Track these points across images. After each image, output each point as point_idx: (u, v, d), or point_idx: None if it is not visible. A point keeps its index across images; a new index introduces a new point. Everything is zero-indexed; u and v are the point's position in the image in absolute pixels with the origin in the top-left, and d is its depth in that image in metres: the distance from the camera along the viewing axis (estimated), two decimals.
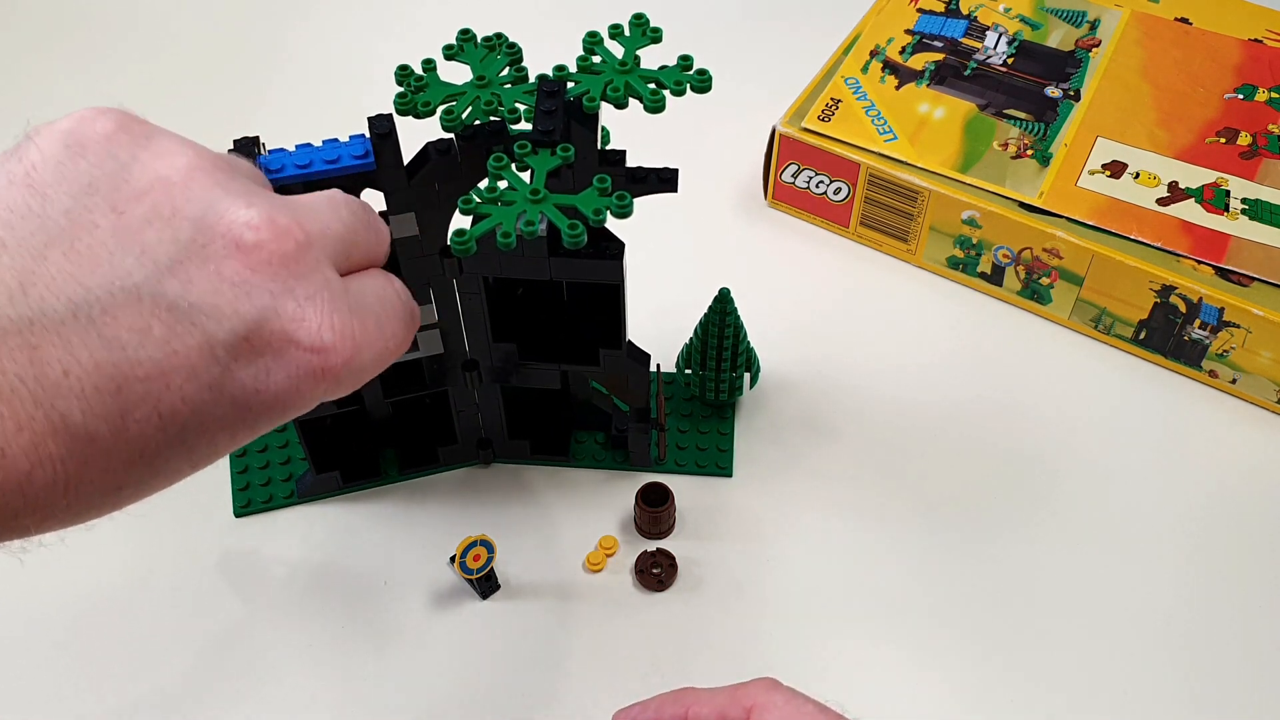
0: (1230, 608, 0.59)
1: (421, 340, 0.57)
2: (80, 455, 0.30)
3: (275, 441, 0.66)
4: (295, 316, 0.33)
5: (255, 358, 0.32)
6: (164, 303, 0.31)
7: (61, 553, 0.33)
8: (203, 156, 0.34)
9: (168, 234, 0.32)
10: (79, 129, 0.33)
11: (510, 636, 0.58)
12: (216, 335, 0.32)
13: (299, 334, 0.33)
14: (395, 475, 0.65)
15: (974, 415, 0.67)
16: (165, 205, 0.32)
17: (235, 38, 0.91)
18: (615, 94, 0.48)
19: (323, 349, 0.34)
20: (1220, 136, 0.72)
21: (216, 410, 0.32)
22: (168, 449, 0.32)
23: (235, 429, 0.33)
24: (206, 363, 0.31)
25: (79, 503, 0.31)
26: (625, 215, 0.45)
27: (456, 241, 0.44)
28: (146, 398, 0.31)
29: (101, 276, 0.31)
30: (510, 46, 0.51)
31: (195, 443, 0.32)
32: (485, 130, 0.49)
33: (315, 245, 0.35)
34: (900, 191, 0.72)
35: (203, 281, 0.32)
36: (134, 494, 0.32)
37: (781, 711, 0.40)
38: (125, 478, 0.31)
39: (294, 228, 0.34)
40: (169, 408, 0.31)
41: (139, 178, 0.33)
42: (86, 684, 0.57)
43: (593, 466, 0.65)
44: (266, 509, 0.64)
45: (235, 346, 0.32)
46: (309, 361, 0.34)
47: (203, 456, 0.33)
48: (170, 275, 0.32)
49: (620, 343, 0.57)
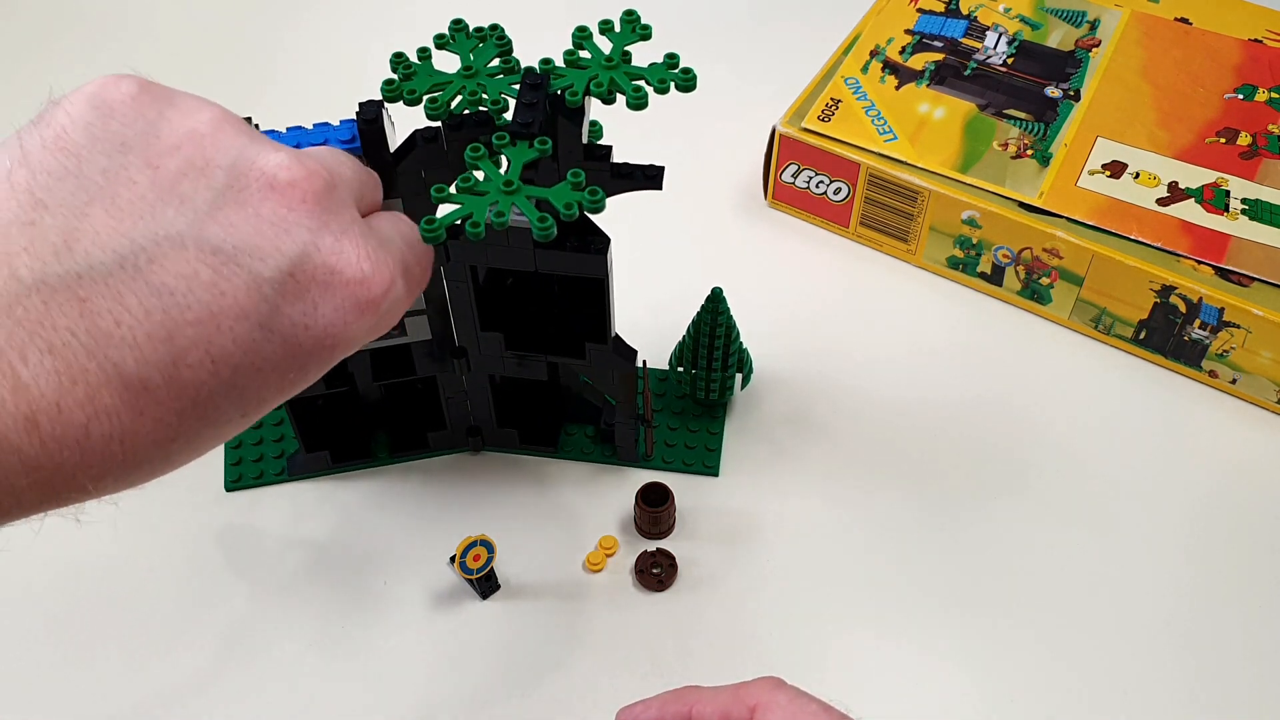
0: (1230, 607, 0.59)
1: (409, 326, 0.57)
2: (135, 405, 0.30)
3: (269, 419, 0.66)
4: (334, 249, 0.35)
5: (302, 293, 0.34)
6: (208, 247, 0.32)
7: (49, 518, 0.33)
8: (226, 112, 0.36)
9: (203, 182, 0.33)
10: (103, 93, 0.34)
11: (510, 636, 0.58)
12: (263, 273, 0.33)
13: (340, 266, 0.35)
14: (385, 458, 0.65)
15: (973, 415, 0.67)
16: (198, 157, 0.34)
17: (235, 24, 0.91)
18: (599, 89, 0.49)
19: (364, 280, 0.35)
20: (1220, 136, 0.72)
21: (267, 349, 0.33)
22: (220, 394, 0.32)
23: (285, 371, 0.34)
24: (255, 302, 0.32)
25: (133, 457, 0.31)
26: (597, 210, 0.46)
27: (426, 229, 0.45)
28: (198, 342, 0.31)
29: (145, 228, 0.32)
30: (500, 38, 0.51)
31: (246, 387, 0.33)
32: (472, 120, 0.49)
33: (339, 186, 0.36)
34: (900, 191, 0.72)
35: (243, 223, 0.33)
36: (185, 447, 0.33)
37: (785, 710, 0.40)
38: (179, 428, 0.32)
39: (320, 169, 0.36)
40: (220, 350, 0.32)
41: (169, 134, 0.34)
42: (74, 656, 0.58)
43: (580, 459, 0.65)
44: (257, 485, 0.64)
45: (282, 283, 0.33)
46: (353, 293, 0.35)
47: (253, 404, 0.34)
48: (211, 220, 0.33)
49: (606, 338, 0.57)
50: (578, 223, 0.52)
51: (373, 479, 0.65)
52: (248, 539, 0.62)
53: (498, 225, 0.44)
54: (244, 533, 0.62)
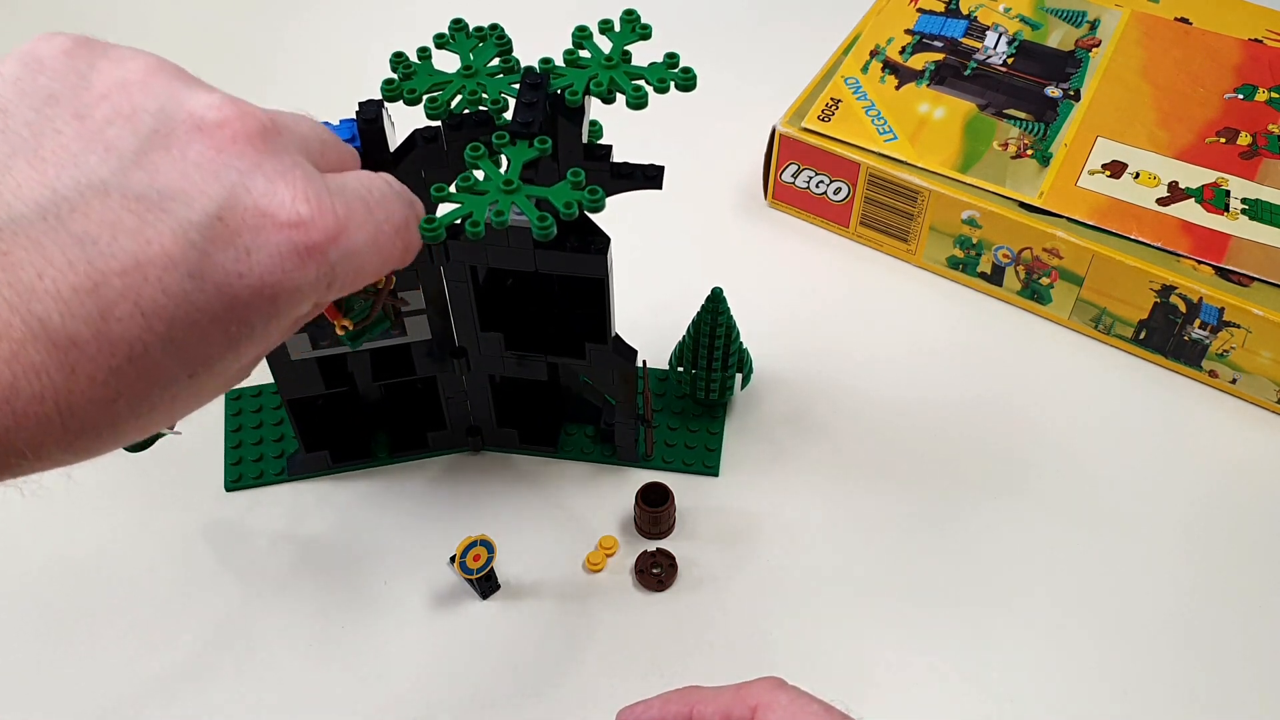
0: (1230, 607, 0.59)
1: (409, 326, 0.57)
2: (64, 362, 0.29)
3: (269, 419, 0.66)
4: (267, 191, 0.33)
5: (233, 238, 0.32)
6: (132, 194, 0.31)
7: (49, 516, 0.33)
8: (162, 60, 0.34)
9: (129, 129, 0.32)
10: (35, 49, 0.34)
11: (510, 636, 0.58)
12: (189, 218, 0.31)
13: (272, 208, 0.33)
14: (385, 458, 0.65)
15: (973, 415, 0.67)
16: (125, 104, 0.32)
17: (235, 23, 0.91)
18: (599, 88, 0.49)
19: (301, 222, 0.33)
20: (1220, 136, 0.72)
21: (200, 300, 0.31)
22: (157, 350, 0.31)
23: (225, 324, 0.32)
24: (183, 248, 0.31)
25: (72, 420, 0.30)
26: (597, 209, 0.46)
27: (425, 228, 0.45)
28: (125, 293, 0.30)
29: (68, 177, 0.31)
30: (500, 37, 0.51)
31: (185, 342, 0.31)
32: (472, 120, 0.49)
33: (283, 133, 0.35)
34: (900, 191, 0.72)
35: (169, 167, 0.32)
36: (130, 410, 0.31)
37: (786, 710, 0.40)
38: (118, 385, 0.30)
39: (258, 112, 0.34)
40: (150, 301, 0.30)
41: (98, 84, 0.33)
42: (71, 653, 0.58)
43: (580, 459, 0.65)
44: (257, 484, 0.64)
45: (209, 228, 0.31)
46: (289, 238, 0.33)
47: (198, 362, 0.32)
48: (136, 166, 0.31)
49: (606, 338, 0.57)
50: (578, 223, 0.52)
51: (372, 479, 0.65)
52: (247, 539, 0.62)
53: (497, 225, 0.44)
54: (244, 532, 0.62)
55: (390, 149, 0.50)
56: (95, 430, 0.31)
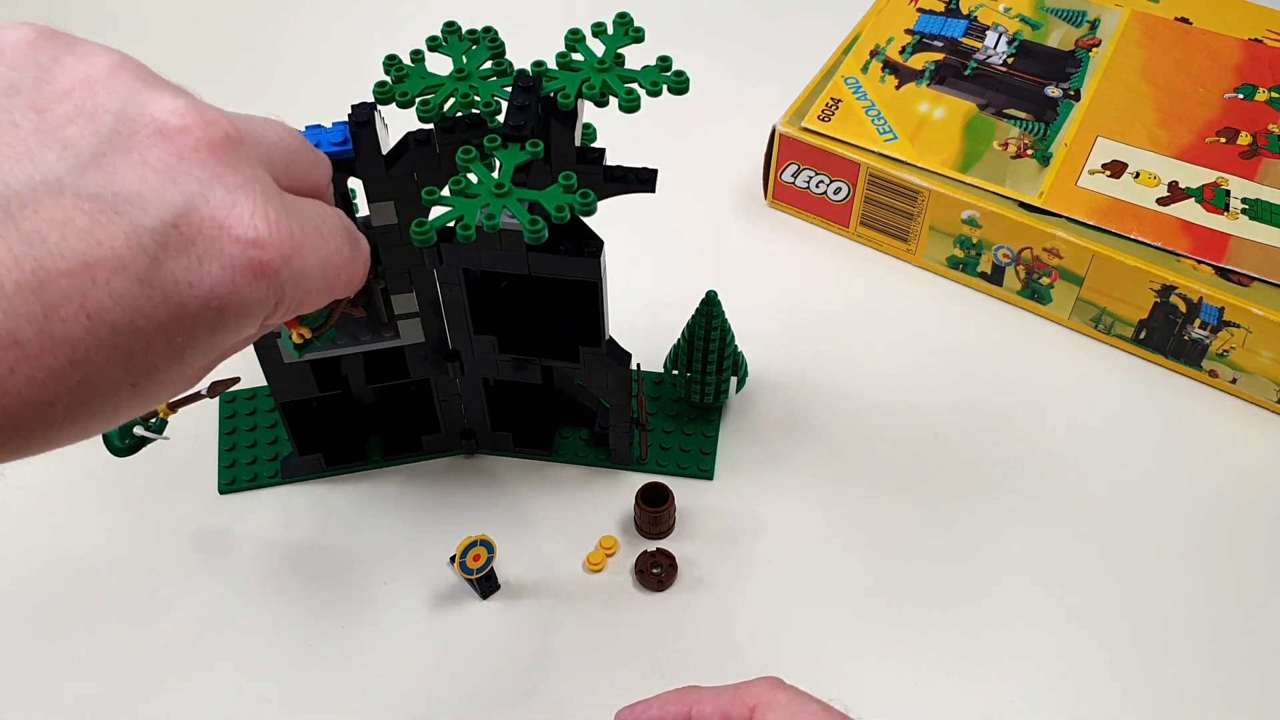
0: (1230, 607, 0.59)
1: (403, 329, 0.57)
2: (4, 360, 0.28)
3: (264, 421, 0.66)
4: (226, 203, 0.32)
5: (186, 247, 0.31)
6: (86, 194, 0.30)
7: (43, 518, 0.33)
8: (128, 58, 0.34)
9: (89, 128, 0.31)
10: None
11: (510, 636, 0.58)
12: (143, 223, 0.30)
13: (230, 220, 0.32)
14: (380, 461, 0.65)
15: (973, 415, 0.67)
16: (88, 102, 0.32)
17: (233, 24, 0.91)
18: (591, 91, 0.48)
19: (258, 240, 0.32)
20: (1220, 136, 0.72)
21: (148, 307, 0.30)
22: (100, 355, 0.30)
23: (170, 334, 0.31)
24: (134, 253, 0.30)
25: (10, 421, 0.29)
26: (588, 213, 0.46)
27: (416, 231, 0.45)
28: (72, 293, 0.29)
29: (22, 172, 0.30)
30: (493, 40, 0.51)
31: (130, 350, 0.31)
32: (465, 122, 0.49)
33: (247, 143, 0.34)
34: (900, 191, 0.72)
35: (127, 170, 0.31)
36: (68, 415, 0.31)
37: (785, 710, 0.40)
38: (57, 388, 0.30)
39: (222, 120, 0.33)
40: (96, 304, 0.29)
41: (61, 79, 0.32)
42: (62, 656, 0.58)
43: (575, 462, 0.65)
44: (251, 487, 0.64)
45: (163, 235, 0.31)
46: (243, 254, 0.32)
47: (140, 372, 0.32)
48: (94, 167, 0.31)
49: (600, 341, 0.57)
50: (571, 226, 0.52)
51: (368, 481, 0.65)
52: (242, 541, 0.62)
53: (488, 228, 0.44)
54: (238, 535, 0.62)
55: (383, 151, 0.50)
56: (29, 432, 0.30)
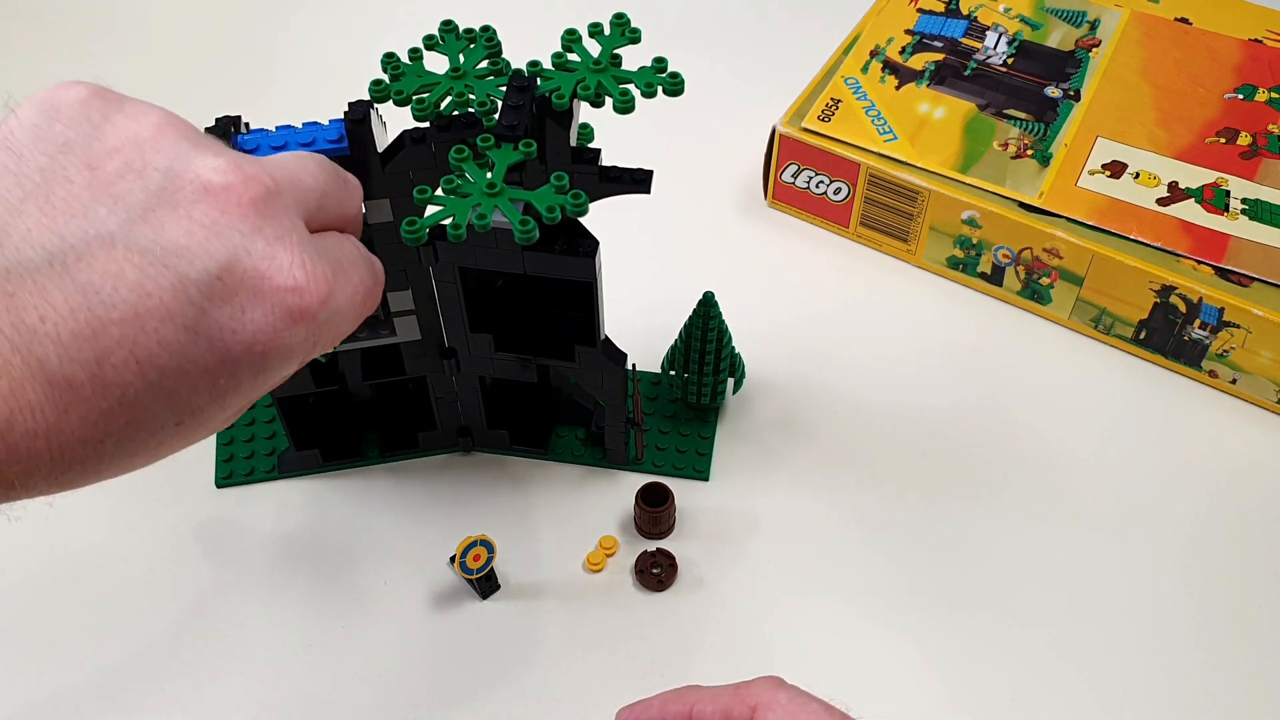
0: (1230, 607, 0.59)
1: (399, 326, 0.57)
2: (60, 402, 0.30)
3: (262, 416, 0.66)
4: (266, 255, 0.34)
5: (230, 297, 0.33)
6: (136, 247, 0.32)
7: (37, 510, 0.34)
8: (173, 117, 0.36)
9: (139, 184, 0.33)
10: (54, 96, 0.35)
11: (510, 636, 0.58)
12: (189, 275, 0.32)
13: (271, 271, 0.34)
14: (376, 457, 0.65)
15: (973, 415, 0.67)
16: (137, 159, 0.34)
17: (233, 22, 0.91)
18: (586, 92, 0.48)
19: (297, 288, 0.34)
20: (1220, 136, 0.72)
21: (194, 353, 0.32)
22: (148, 396, 0.32)
23: (215, 377, 0.33)
24: (181, 304, 0.32)
25: (61, 456, 0.31)
26: (580, 214, 0.46)
27: (407, 230, 0.45)
28: (123, 341, 0.31)
29: (76, 226, 0.32)
30: (490, 40, 0.51)
31: (175, 391, 0.33)
32: (460, 121, 0.49)
33: (285, 193, 0.36)
34: (900, 191, 0.72)
35: (173, 225, 0.33)
36: (117, 450, 0.32)
37: (786, 710, 0.40)
38: (107, 427, 0.31)
39: (262, 174, 0.35)
40: (145, 351, 0.31)
41: (111, 136, 0.34)
42: (57, 648, 0.58)
43: (571, 461, 0.65)
44: (248, 481, 0.64)
45: (209, 286, 0.33)
46: (284, 301, 0.34)
47: (185, 411, 0.33)
48: (142, 222, 0.33)
49: (595, 340, 0.57)
50: (567, 225, 0.52)
51: (364, 478, 0.65)
52: (239, 536, 0.62)
53: (479, 228, 0.44)
54: (235, 530, 0.62)
55: (379, 149, 0.50)
56: (81, 467, 0.32)
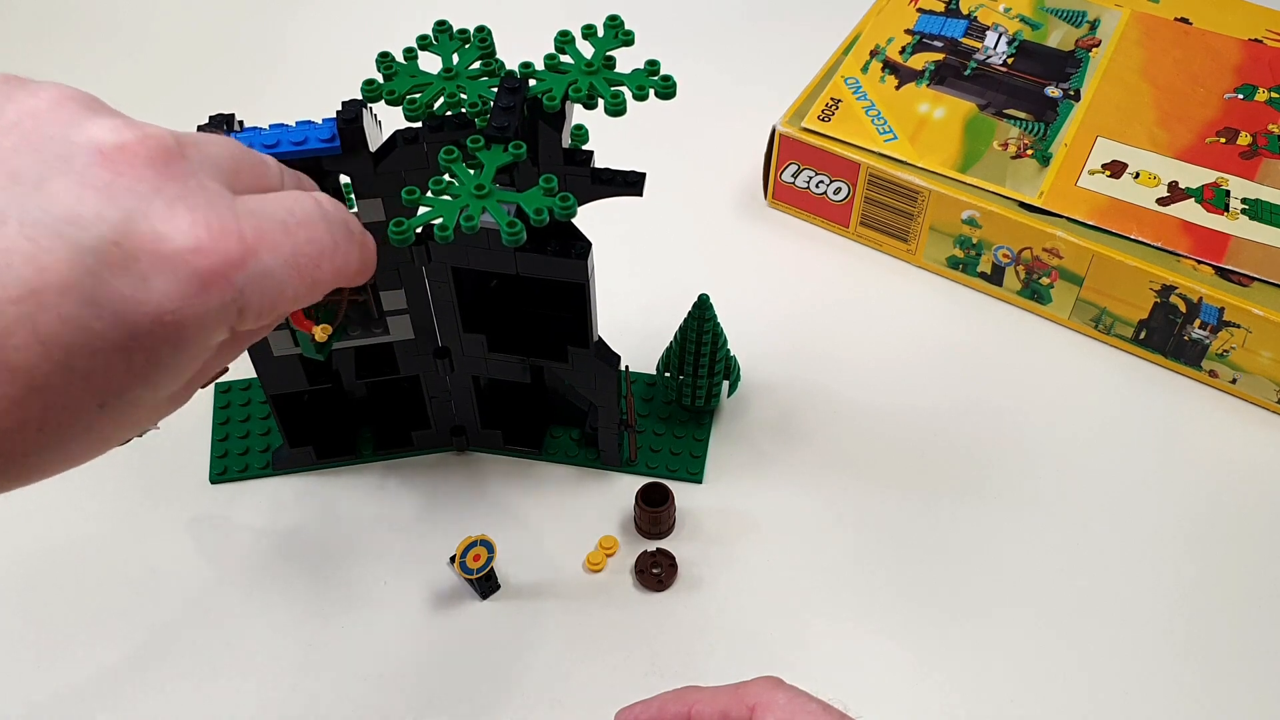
0: (1230, 607, 0.59)
1: (392, 325, 0.57)
2: None
3: (257, 413, 0.66)
4: (164, 216, 0.32)
5: (129, 264, 0.31)
6: (29, 220, 0.30)
7: (30, 502, 0.33)
8: (79, 92, 0.34)
9: (33, 157, 0.31)
10: None
11: (510, 636, 0.58)
12: (83, 242, 0.30)
13: (170, 232, 0.32)
14: (371, 455, 0.65)
15: (973, 415, 0.67)
16: (33, 133, 0.32)
17: (233, 21, 0.91)
18: (577, 94, 0.48)
19: (199, 249, 0.32)
20: (1220, 136, 0.72)
21: (98, 327, 0.30)
22: (59, 379, 0.30)
23: (129, 354, 0.31)
24: (79, 275, 0.30)
25: None
26: (568, 216, 0.46)
27: (394, 231, 0.45)
28: (22, 320, 0.29)
29: None
30: (484, 40, 0.51)
31: (89, 371, 0.31)
32: (453, 122, 0.49)
33: (189, 154, 0.34)
34: (900, 191, 0.72)
35: (66, 193, 0.31)
36: (44, 440, 0.31)
37: (784, 710, 0.40)
38: (24, 414, 0.30)
39: (164, 135, 0.33)
40: (47, 329, 0.30)
41: (9, 114, 0.33)
42: (49, 644, 0.58)
43: (565, 462, 0.65)
44: (242, 478, 0.64)
45: (105, 253, 0.31)
46: (188, 264, 0.32)
47: (109, 393, 0.32)
48: (36, 193, 0.31)
49: (588, 342, 0.57)
50: (560, 227, 0.52)
51: (361, 475, 0.65)
52: (233, 532, 0.62)
53: (467, 229, 0.44)
54: (230, 526, 0.62)
55: (372, 149, 0.50)
56: (7, 460, 0.31)
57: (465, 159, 0.47)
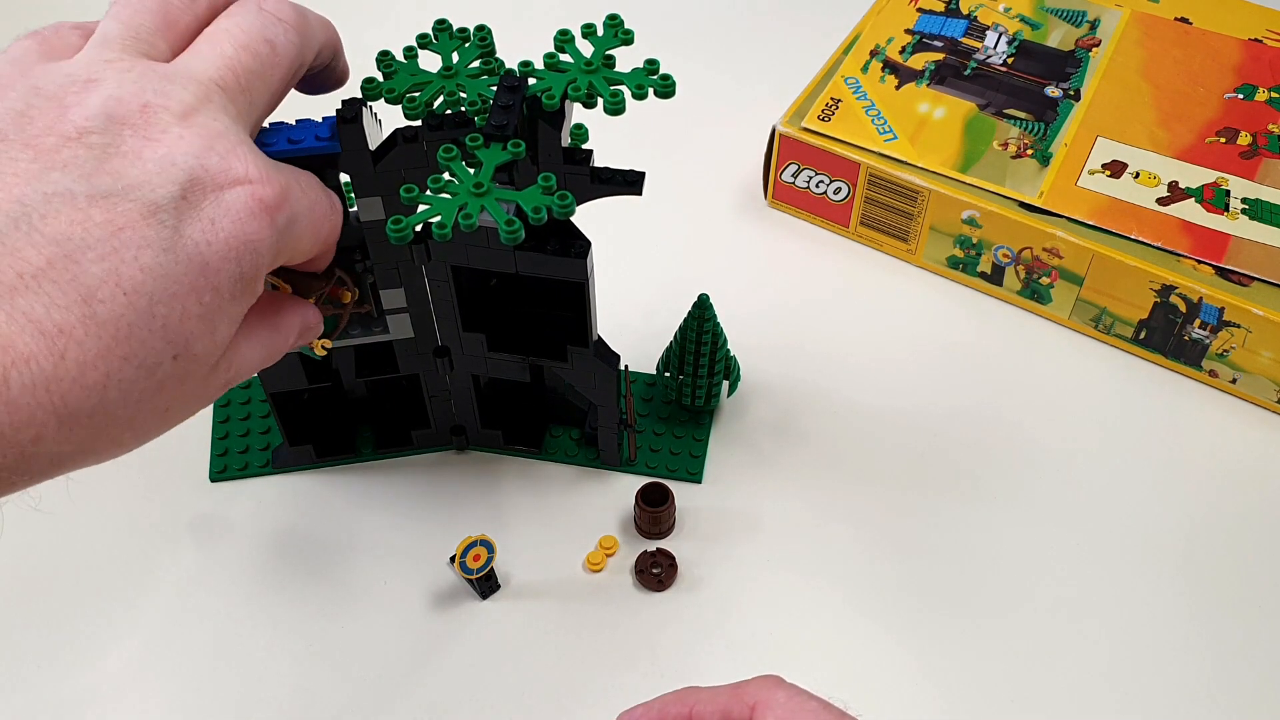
0: (1230, 607, 0.59)
1: (392, 324, 0.57)
2: (54, 349, 0.31)
3: (257, 411, 0.66)
4: (222, 165, 0.36)
5: (197, 209, 0.35)
6: (98, 194, 0.34)
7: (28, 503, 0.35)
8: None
9: (82, 150, 0.35)
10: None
11: (510, 636, 0.58)
12: (154, 199, 0.34)
13: (231, 170, 0.36)
14: (370, 454, 0.65)
15: (973, 415, 0.67)
16: (70, 129, 0.35)
17: None
18: (577, 93, 0.48)
19: (251, 179, 0.37)
20: (1220, 136, 0.72)
21: (176, 271, 0.34)
22: (141, 326, 0.33)
23: (200, 293, 0.35)
24: (155, 228, 0.34)
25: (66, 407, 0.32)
26: (566, 215, 0.46)
27: (393, 229, 0.45)
28: (106, 277, 0.33)
29: (33, 190, 0.33)
30: (483, 39, 0.51)
31: (167, 317, 0.34)
32: (452, 120, 0.49)
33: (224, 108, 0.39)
34: (900, 191, 0.72)
35: (128, 167, 0.35)
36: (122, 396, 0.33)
37: (785, 709, 0.40)
38: (106, 368, 0.33)
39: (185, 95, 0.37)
40: (130, 280, 0.33)
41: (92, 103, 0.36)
42: (47, 642, 0.58)
43: (565, 462, 0.65)
44: (242, 476, 0.64)
45: (176, 205, 0.35)
46: (246, 195, 0.36)
47: (178, 337, 0.35)
48: (99, 174, 0.34)
49: (587, 341, 0.57)
50: (561, 226, 0.52)
51: (361, 474, 0.65)
52: (232, 531, 0.62)
53: (465, 227, 0.44)
54: (228, 524, 0.62)
55: (371, 147, 0.50)
56: (89, 419, 0.33)
57: (464, 157, 0.47)
